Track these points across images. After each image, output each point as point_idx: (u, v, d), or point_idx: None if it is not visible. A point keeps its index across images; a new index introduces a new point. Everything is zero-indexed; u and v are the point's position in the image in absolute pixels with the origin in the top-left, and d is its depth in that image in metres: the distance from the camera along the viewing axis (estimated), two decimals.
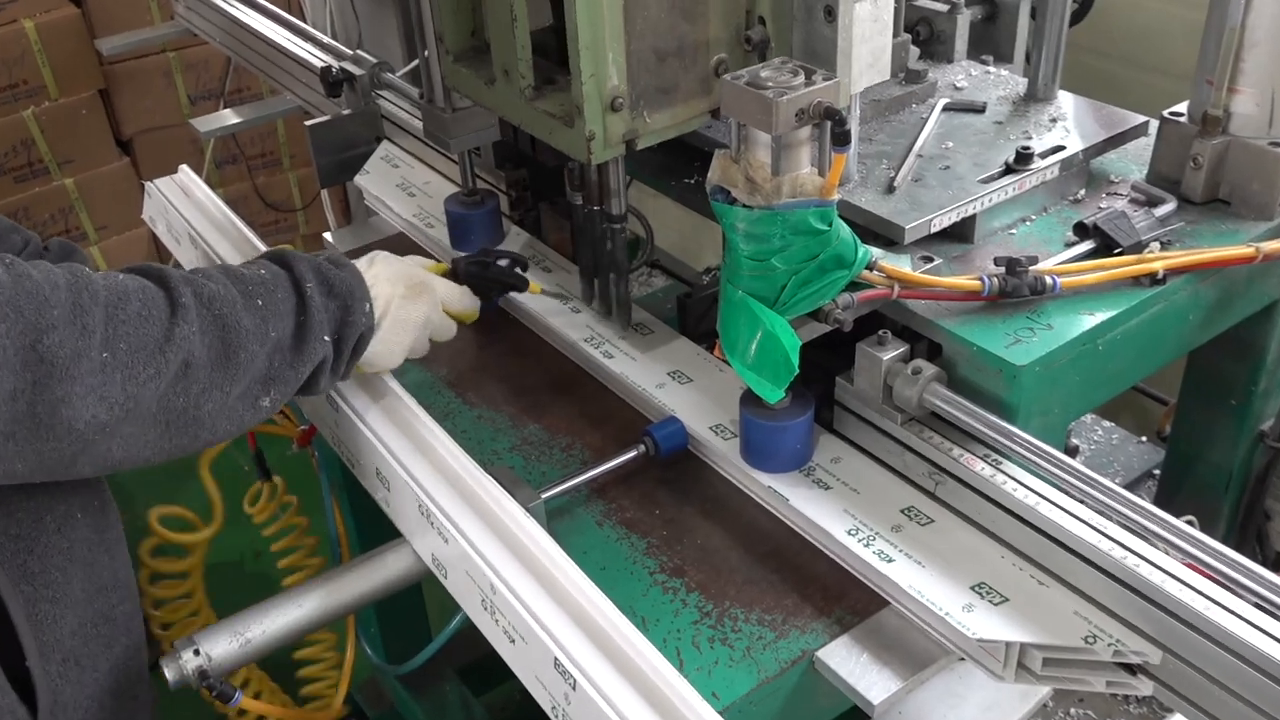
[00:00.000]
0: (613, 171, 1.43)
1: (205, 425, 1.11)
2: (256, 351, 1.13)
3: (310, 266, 1.22)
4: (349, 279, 1.24)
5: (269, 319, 1.15)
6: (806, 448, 1.32)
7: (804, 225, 1.17)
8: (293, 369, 1.17)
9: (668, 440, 1.37)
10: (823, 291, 1.21)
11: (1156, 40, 2.16)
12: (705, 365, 1.49)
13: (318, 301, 1.20)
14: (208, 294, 1.12)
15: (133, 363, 1.04)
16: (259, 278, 1.18)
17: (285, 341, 1.17)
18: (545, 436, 1.46)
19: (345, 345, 1.23)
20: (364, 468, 1.35)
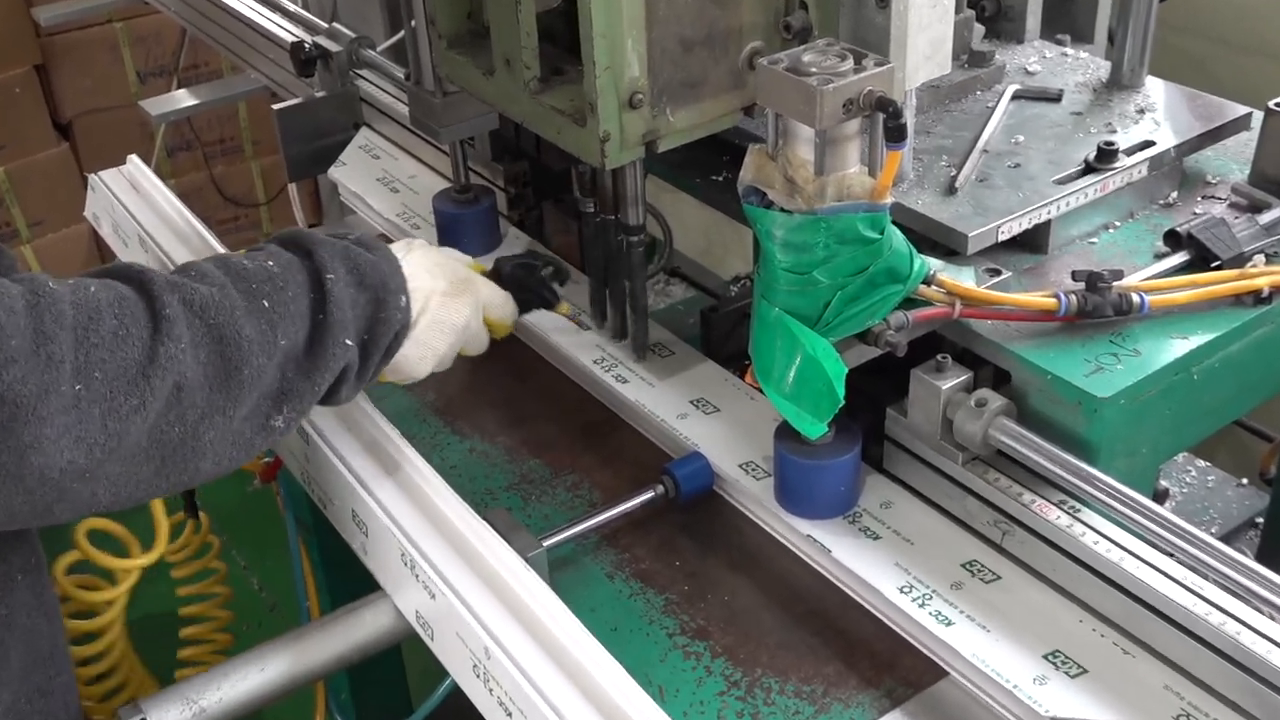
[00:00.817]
0: (630, 177, 1.44)
1: (207, 455, 1.09)
2: (263, 365, 1.11)
3: (336, 252, 1.19)
4: (383, 266, 1.21)
5: (277, 324, 1.12)
6: (852, 490, 1.32)
7: (851, 233, 1.17)
8: (309, 380, 1.15)
9: (690, 480, 1.37)
10: (873, 309, 1.21)
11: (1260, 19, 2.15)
12: (734, 393, 1.49)
13: (343, 296, 1.17)
14: (200, 300, 1.09)
15: (112, 393, 1.01)
16: (265, 272, 1.15)
17: (299, 348, 1.14)
18: (548, 474, 1.47)
19: (375, 348, 1.21)
20: (338, 509, 1.35)
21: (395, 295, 1.22)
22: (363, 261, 1.21)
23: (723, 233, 1.97)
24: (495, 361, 1.64)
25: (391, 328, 1.22)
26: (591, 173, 1.51)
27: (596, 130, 1.27)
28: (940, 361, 1.25)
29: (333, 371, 1.17)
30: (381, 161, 2.00)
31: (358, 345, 1.19)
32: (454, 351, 1.33)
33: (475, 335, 1.35)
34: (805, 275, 1.19)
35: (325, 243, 1.20)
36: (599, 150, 1.28)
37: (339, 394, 1.21)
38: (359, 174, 1.98)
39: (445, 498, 1.26)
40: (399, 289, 1.22)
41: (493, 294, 1.37)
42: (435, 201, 1.77)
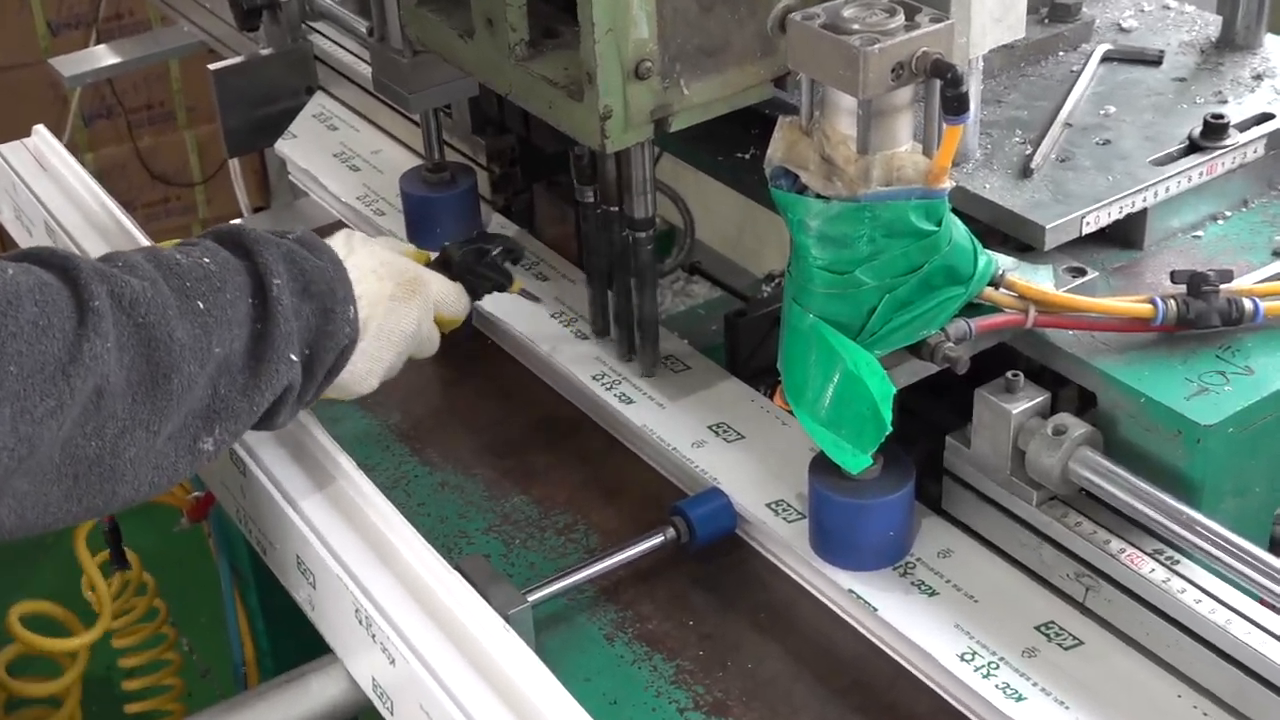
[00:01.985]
0: (637, 162, 1.45)
1: (126, 478, 1.11)
2: (194, 375, 1.13)
3: (279, 254, 1.23)
4: (329, 271, 1.26)
5: (212, 329, 1.15)
6: (903, 536, 1.32)
7: (902, 224, 1.18)
8: (245, 398, 1.18)
9: (707, 522, 1.38)
10: (928, 317, 1.22)
11: None
12: (762, 417, 1.50)
13: (288, 304, 1.21)
14: (130, 295, 1.11)
15: (26, 391, 1.02)
16: (201, 270, 1.18)
17: (236, 360, 1.17)
18: (535, 513, 1.48)
19: (319, 365, 1.25)
20: (280, 555, 1.37)
21: (343, 305, 1.25)
22: (309, 267, 1.24)
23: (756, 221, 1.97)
24: (472, 378, 1.66)
25: (338, 342, 1.25)
26: (590, 156, 1.52)
27: (596, 105, 1.28)
28: (1010, 380, 1.26)
29: (273, 390, 1.19)
30: (339, 134, 2.02)
31: (301, 362, 1.22)
32: (403, 360, 1.36)
33: (426, 339, 1.39)
34: (846, 275, 1.20)
35: (267, 241, 1.23)
36: (599, 130, 1.29)
37: (277, 417, 1.23)
38: (312, 148, 1.99)
39: (410, 542, 1.27)
40: (346, 298, 1.26)
41: (444, 290, 1.41)
42: (403, 182, 1.79)
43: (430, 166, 1.77)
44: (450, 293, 1.42)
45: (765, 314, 1.62)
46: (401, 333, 1.33)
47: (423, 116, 1.75)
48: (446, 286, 1.42)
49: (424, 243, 1.68)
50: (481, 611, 1.21)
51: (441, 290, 1.41)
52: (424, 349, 1.40)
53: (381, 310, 1.31)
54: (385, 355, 1.32)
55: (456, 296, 1.43)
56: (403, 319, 1.33)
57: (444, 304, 1.41)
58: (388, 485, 1.49)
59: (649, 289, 1.52)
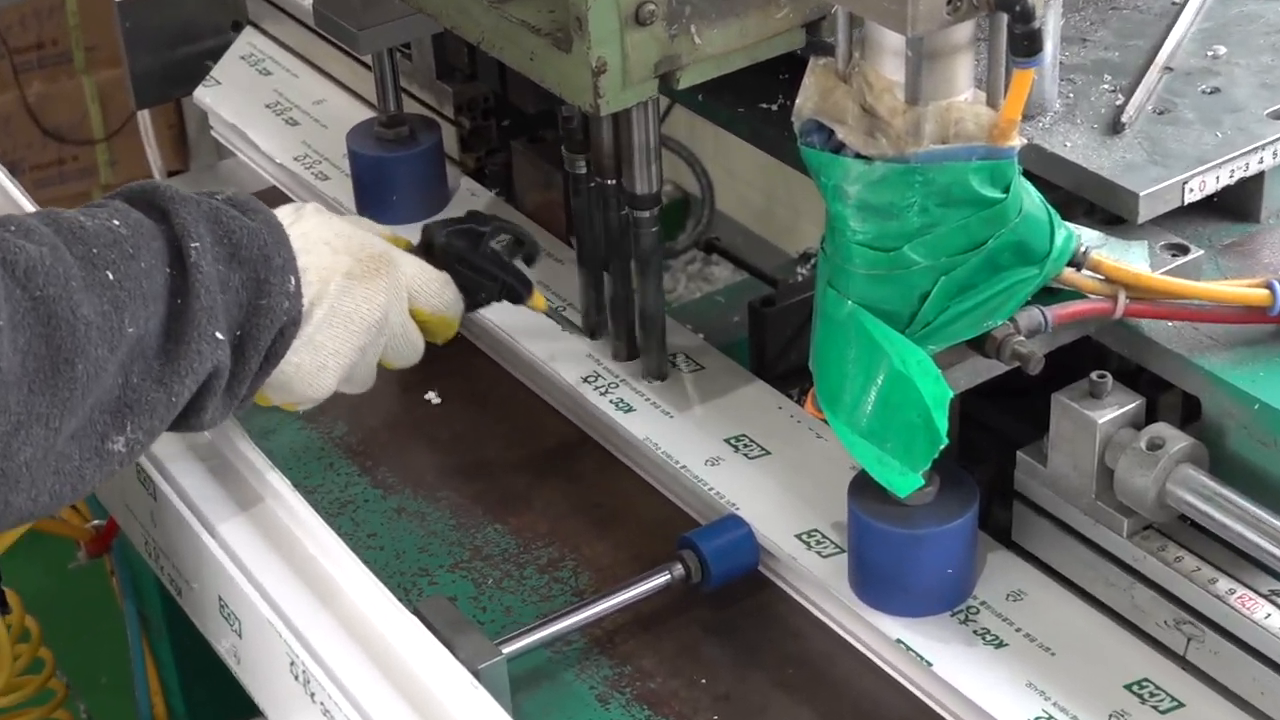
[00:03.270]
0: (638, 125, 1.46)
1: (21, 485, 1.13)
2: (103, 360, 1.15)
3: (201, 214, 1.24)
4: (264, 234, 1.26)
5: (124, 305, 1.16)
6: (963, 575, 1.34)
7: (961, 190, 1.19)
8: (163, 387, 1.19)
9: (724, 556, 1.39)
10: (993, 305, 1.23)
11: None
12: (791, 427, 1.52)
13: (211, 273, 1.21)
14: (25, 263, 1.12)
15: None
16: (110, 235, 1.19)
17: (151, 342, 1.19)
18: (513, 546, 1.49)
19: (253, 348, 1.25)
20: (199, 596, 1.38)
21: (280, 275, 1.25)
22: (237, 228, 1.24)
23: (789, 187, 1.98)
24: (435, 379, 1.68)
25: (275, 320, 1.25)
26: (581, 119, 1.53)
27: (587, 58, 1.30)
28: (1096, 383, 1.27)
29: (195, 376, 1.20)
30: (273, 79, 2.03)
31: (230, 342, 1.23)
32: (371, 361, 1.36)
33: (400, 337, 1.38)
34: (892, 253, 1.21)
35: (187, 200, 1.24)
36: (591, 88, 1.31)
37: (203, 412, 1.24)
38: (240, 98, 2.01)
39: (358, 580, 1.28)
40: (285, 266, 1.26)
41: (423, 276, 1.40)
42: (352, 140, 1.80)
43: (385, 120, 1.79)
44: (431, 280, 1.40)
45: (798, 302, 1.64)
46: (362, 320, 1.33)
47: (375, 59, 1.76)
48: (425, 271, 1.40)
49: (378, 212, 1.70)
50: (446, 666, 1.22)
51: (419, 275, 1.39)
52: (400, 351, 1.39)
53: (335, 288, 1.31)
54: (342, 348, 1.32)
55: (440, 287, 1.41)
56: (363, 302, 1.33)
57: (422, 293, 1.39)
58: (331, 511, 1.51)
59: (653, 279, 1.54)
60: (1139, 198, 1.30)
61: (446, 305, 1.42)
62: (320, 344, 1.31)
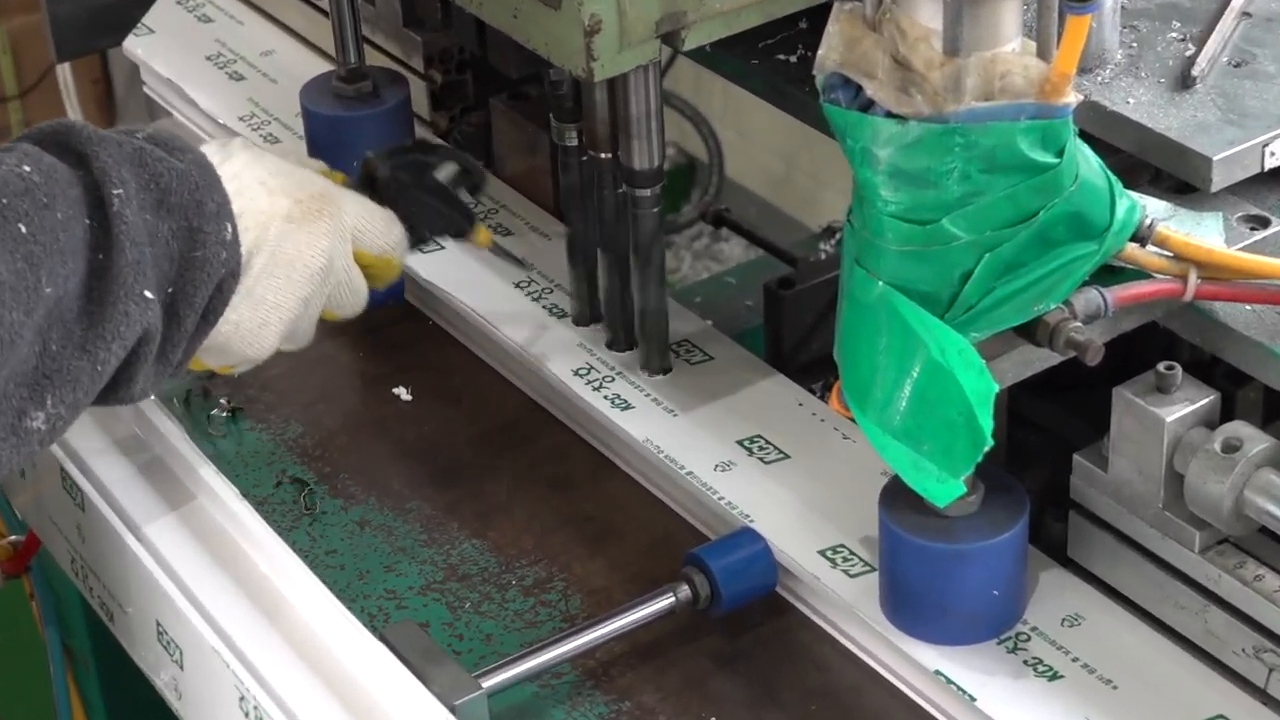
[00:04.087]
0: (637, 91, 1.46)
1: None
2: (18, 325, 1.15)
3: (123, 156, 1.25)
4: (194, 176, 1.27)
5: (40, 261, 1.17)
6: (1011, 596, 1.35)
7: (1008, 154, 1.19)
8: (86, 354, 1.20)
9: (737, 576, 1.40)
10: (1045, 286, 1.24)
11: None
12: (813, 426, 1.53)
13: (137, 223, 1.22)
14: None
15: None
16: (21, 183, 1.19)
17: (71, 303, 1.19)
18: (494, 565, 1.50)
19: (188, 306, 1.26)
20: (134, 622, 1.39)
21: (216, 222, 1.27)
22: (164, 170, 1.25)
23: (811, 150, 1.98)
24: (404, 373, 1.68)
25: (212, 273, 1.26)
26: (573, 84, 1.54)
27: (579, 15, 1.30)
28: (1164, 375, 1.28)
29: (123, 341, 1.21)
30: (215, 27, 2.04)
31: (161, 302, 1.24)
32: (313, 314, 1.38)
33: (345, 284, 1.40)
34: (929, 226, 1.22)
35: (106, 141, 1.25)
36: (583, 50, 1.32)
37: (133, 382, 1.25)
38: (176, 49, 2.01)
39: (316, 604, 1.30)
40: (221, 213, 1.27)
41: (365, 214, 1.42)
42: (306, 96, 1.81)
43: (344, 74, 1.79)
44: (376, 219, 1.42)
45: (821, 284, 1.65)
46: (305, 268, 1.34)
47: (333, 3, 1.76)
48: (369, 209, 1.42)
49: None
50: (417, 701, 1.23)
51: (361, 214, 1.41)
52: (343, 300, 1.41)
53: (274, 234, 1.32)
54: (284, 300, 1.34)
55: (385, 225, 1.43)
56: (306, 248, 1.34)
57: (367, 234, 1.41)
58: (285, 525, 1.51)
59: (654, 266, 1.55)
60: (1212, 163, 1.30)
61: (393, 245, 1.44)
62: (261, 297, 1.32)
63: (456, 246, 1.59)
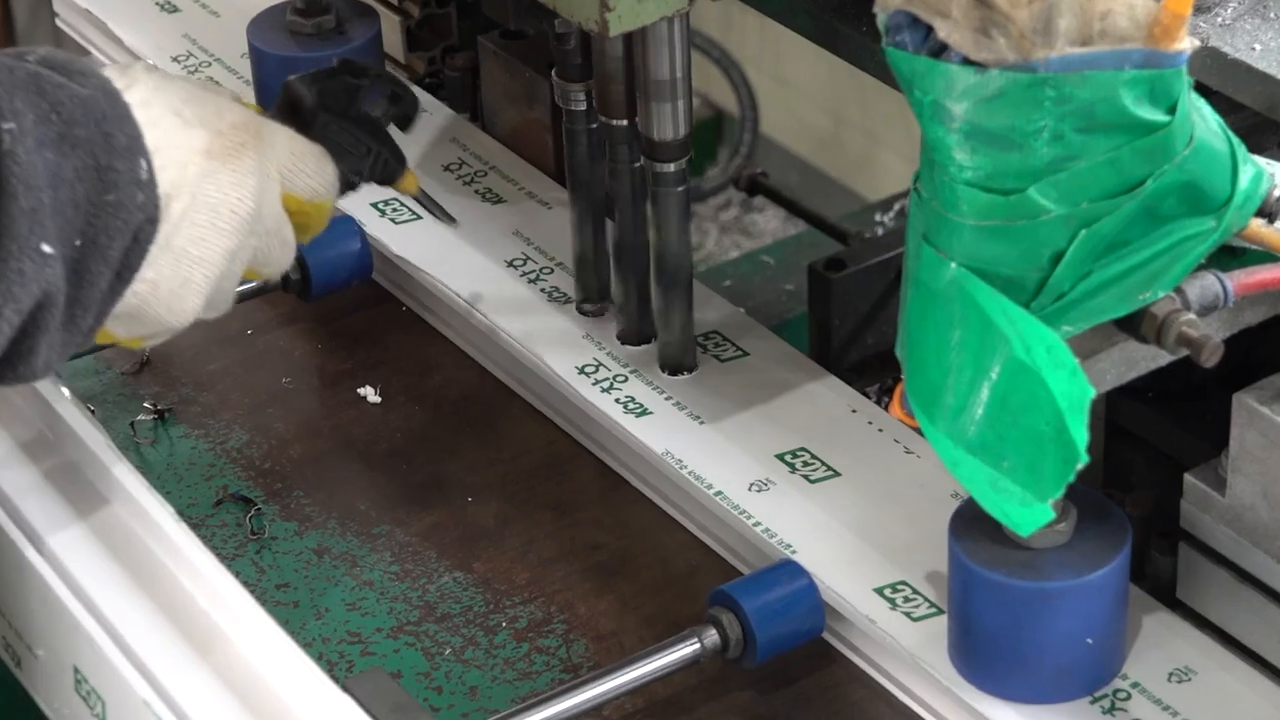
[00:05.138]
0: (658, 47, 1.48)
1: None
2: None
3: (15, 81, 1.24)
4: (100, 104, 1.27)
5: None
6: (1109, 644, 1.35)
7: (1110, 110, 1.20)
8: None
9: (775, 619, 1.41)
10: (1153, 270, 1.25)
11: None
12: (869, 438, 1.54)
13: (34, 163, 1.22)
14: None
15: None
16: None
17: None
18: (480, 603, 1.51)
19: (98, 260, 1.26)
20: (46, 667, 1.39)
21: (128, 159, 1.27)
22: (65, 99, 1.25)
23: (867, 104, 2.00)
24: (372, 370, 1.69)
25: (128, 220, 1.26)
26: (582, 38, 1.56)
27: None
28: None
29: (17, 305, 1.21)
30: None
31: (65, 256, 1.24)
32: (237, 271, 1.38)
33: (274, 233, 1.40)
34: (1013, 196, 1.22)
35: None
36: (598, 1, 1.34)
37: (33, 355, 1.25)
38: None
39: (265, 647, 1.30)
40: (133, 147, 1.27)
41: (296, 151, 1.42)
42: (255, 33, 1.83)
43: (301, 5, 1.81)
44: (307, 156, 1.43)
45: (878, 265, 1.66)
46: (232, 214, 1.34)
47: None
48: (298, 144, 1.43)
49: None
50: None
51: (291, 150, 1.42)
52: (270, 254, 1.41)
53: (194, 173, 1.32)
54: (210, 254, 1.33)
55: (317, 163, 1.43)
56: (231, 190, 1.34)
57: (297, 173, 1.42)
58: (228, 553, 1.53)
59: (678, 253, 1.56)
60: None
61: (326, 188, 1.44)
62: (182, 249, 1.32)
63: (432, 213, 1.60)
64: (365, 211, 1.75)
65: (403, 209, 1.68)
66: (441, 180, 1.76)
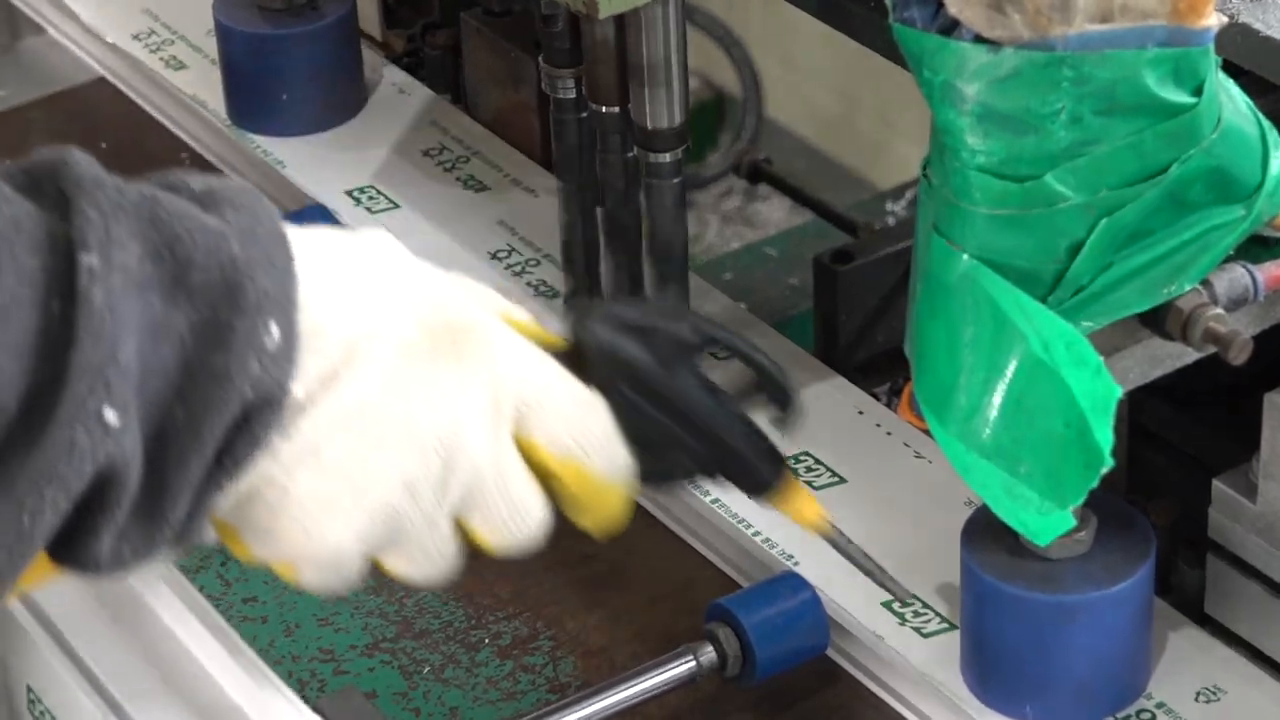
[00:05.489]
0: (653, 28, 1.48)
1: None
2: None
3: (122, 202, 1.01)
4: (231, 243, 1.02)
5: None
6: (1132, 661, 1.36)
7: (1132, 90, 1.21)
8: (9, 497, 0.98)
9: (776, 635, 1.41)
10: (1178, 261, 1.26)
11: None
12: (877, 441, 1.56)
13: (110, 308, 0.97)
14: None
15: None
16: None
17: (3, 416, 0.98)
18: (462, 618, 1.52)
19: (191, 436, 1.03)
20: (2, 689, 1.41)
21: (250, 317, 1.04)
22: (183, 232, 1.03)
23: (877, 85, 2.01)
24: None
25: (229, 391, 1.04)
26: (570, 20, 1.57)
27: None
28: None
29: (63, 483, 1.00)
30: None
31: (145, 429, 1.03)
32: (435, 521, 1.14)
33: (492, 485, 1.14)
34: (1029, 183, 1.23)
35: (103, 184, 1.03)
36: None
37: (96, 538, 1.04)
38: None
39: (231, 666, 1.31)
40: (263, 301, 1.04)
41: (542, 378, 1.16)
42: (221, 9, 1.83)
43: None
44: (561, 395, 1.17)
45: (888, 257, 1.67)
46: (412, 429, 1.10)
47: None
48: (554, 377, 1.17)
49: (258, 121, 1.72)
50: None
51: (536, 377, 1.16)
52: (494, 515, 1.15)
53: (375, 364, 1.09)
54: (368, 472, 1.09)
55: (577, 409, 1.17)
56: (420, 398, 1.11)
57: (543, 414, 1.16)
58: (190, 564, 1.53)
59: (674, 249, 1.57)
60: None
61: (594, 449, 1.18)
62: (327, 456, 1.10)
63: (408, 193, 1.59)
64: (338, 199, 1.75)
65: (379, 197, 1.67)
66: (420, 166, 1.76)
